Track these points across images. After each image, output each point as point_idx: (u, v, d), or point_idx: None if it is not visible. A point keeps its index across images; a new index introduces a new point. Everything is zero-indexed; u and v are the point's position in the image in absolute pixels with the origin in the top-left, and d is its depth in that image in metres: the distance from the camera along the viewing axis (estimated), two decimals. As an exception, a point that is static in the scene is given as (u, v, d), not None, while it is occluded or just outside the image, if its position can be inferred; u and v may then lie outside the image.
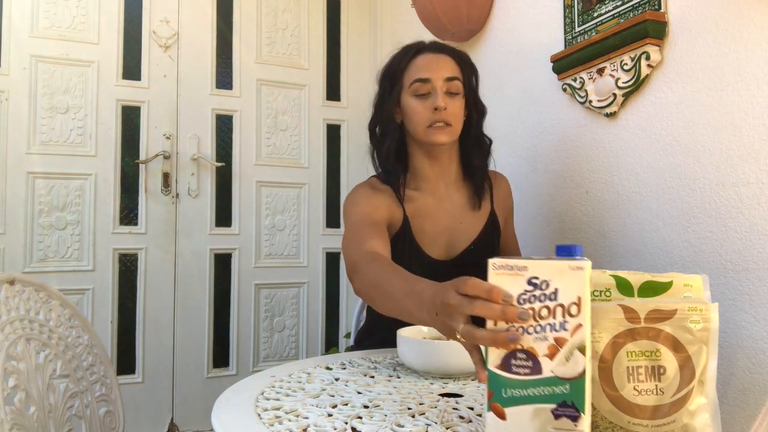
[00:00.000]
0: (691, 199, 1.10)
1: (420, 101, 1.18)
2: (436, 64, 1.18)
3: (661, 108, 1.17)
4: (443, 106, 1.15)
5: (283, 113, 2.40)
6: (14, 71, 2.02)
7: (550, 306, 0.56)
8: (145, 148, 2.18)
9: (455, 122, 1.19)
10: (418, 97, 1.18)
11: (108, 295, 2.11)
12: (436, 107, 1.15)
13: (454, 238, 1.24)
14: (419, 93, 1.18)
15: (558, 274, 0.56)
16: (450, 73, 1.18)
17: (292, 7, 2.43)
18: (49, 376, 1.06)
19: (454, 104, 1.18)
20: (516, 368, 0.56)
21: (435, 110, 1.16)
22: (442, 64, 1.18)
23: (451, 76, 1.18)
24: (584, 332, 0.55)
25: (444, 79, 1.17)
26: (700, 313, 0.63)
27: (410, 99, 1.19)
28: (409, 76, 1.19)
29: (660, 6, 1.15)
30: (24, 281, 1.09)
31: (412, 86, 1.18)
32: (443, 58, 1.20)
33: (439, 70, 1.17)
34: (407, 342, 0.95)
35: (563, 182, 1.44)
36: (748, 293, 0.99)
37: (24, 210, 2.02)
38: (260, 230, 2.34)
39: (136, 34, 2.19)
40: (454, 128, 1.19)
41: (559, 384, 0.55)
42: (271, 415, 0.74)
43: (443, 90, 1.17)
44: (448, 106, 1.16)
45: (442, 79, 1.17)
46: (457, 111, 1.19)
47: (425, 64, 1.19)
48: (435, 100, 1.16)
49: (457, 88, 1.18)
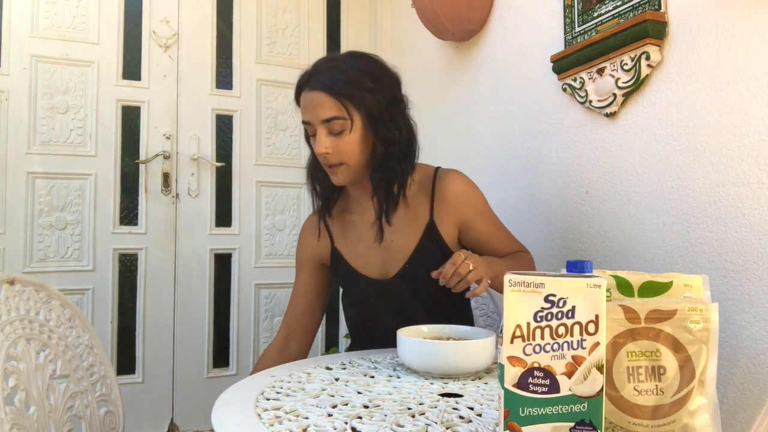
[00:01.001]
0: (691, 199, 1.10)
1: (312, 141, 1.16)
2: (313, 105, 1.10)
3: (661, 108, 1.17)
4: (323, 152, 1.11)
5: (283, 113, 2.40)
6: (14, 71, 2.02)
7: (568, 324, 0.56)
8: (145, 148, 2.17)
9: (348, 159, 1.12)
10: (312, 138, 1.15)
11: (108, 295, 2.11)
12: (318, 153, 1.12)
13: (389, 256, 1.19)
14: (309, 135, 1.16)
15: (575, 291, 0.56)
16: (326, 113, 1.09)
17: (292, 7, 2.43)
18: (49, 376, 1.06)
19: (340, 144, 1.11)
20: (533, 387, 0.57)
21: (320, 155, 1.13)
22: (318, 104, 1.10)
23: (328, 117, 1.09)
24: (602, 350, 0.56)
25: (321, 121, 1.10)
26: (700, 313, 0.63)
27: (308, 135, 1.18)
28: (301, 114, 1.15)
29: (660, 6, 1.15)
30: (24, 281, 1.09)
31: (303, 125, 1.16)
32: (318, 96, 1.10)
33: (314, 111, 1.10)
34: (406, 342, 0.95)
35: (563, 182, 1.44)
36: (748, 293, 0.99)
37: (24, 210, 2.02)
38: (260, 230, 2.34)
39: (136, 34, 2.19)
40: (348, 168, 1.13)
41: (577, 402, 0.56)
42: (271, 415, 0.74)
43: (324, 132, 1.11)
44: (332, 148, 1.11)
45: (319, 121, 1.10)
46: (348, 147, 1.11)
47: (305, 105, 1.13)
48: (316, 145, 1.12)
49: (341, 126, 1.10)
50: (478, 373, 0.95)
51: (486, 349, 0.94)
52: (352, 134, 1.11)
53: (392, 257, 1.19)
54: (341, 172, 1.14)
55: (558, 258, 1.45)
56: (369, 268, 1.21)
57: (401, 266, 1.18)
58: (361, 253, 1.21)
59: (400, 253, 1.19)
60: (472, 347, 0.94)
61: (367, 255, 1.20)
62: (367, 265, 1.21)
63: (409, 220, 1.19)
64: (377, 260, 1.20)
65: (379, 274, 1.20)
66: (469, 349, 0.94)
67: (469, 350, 0.93)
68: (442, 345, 0.93)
